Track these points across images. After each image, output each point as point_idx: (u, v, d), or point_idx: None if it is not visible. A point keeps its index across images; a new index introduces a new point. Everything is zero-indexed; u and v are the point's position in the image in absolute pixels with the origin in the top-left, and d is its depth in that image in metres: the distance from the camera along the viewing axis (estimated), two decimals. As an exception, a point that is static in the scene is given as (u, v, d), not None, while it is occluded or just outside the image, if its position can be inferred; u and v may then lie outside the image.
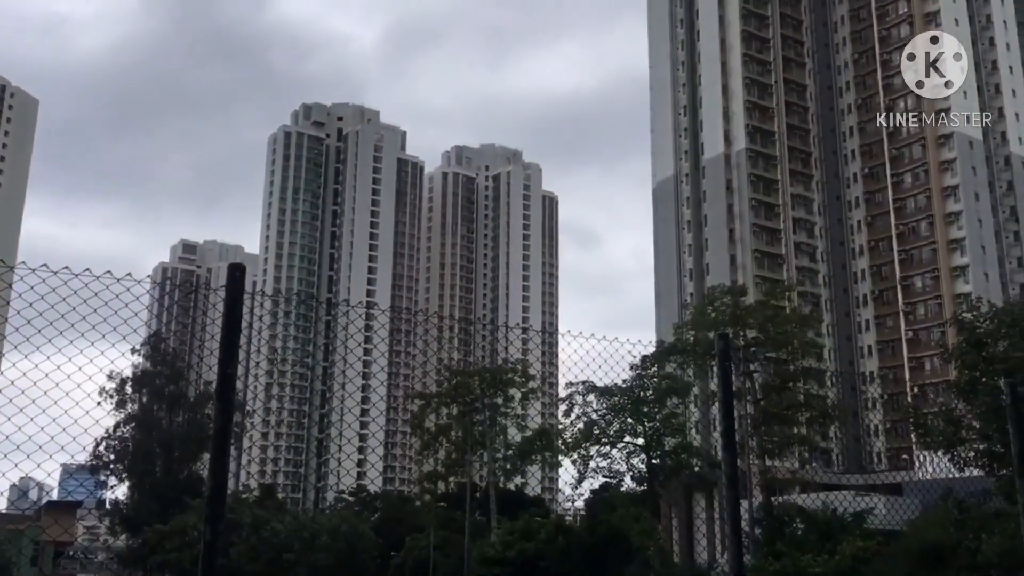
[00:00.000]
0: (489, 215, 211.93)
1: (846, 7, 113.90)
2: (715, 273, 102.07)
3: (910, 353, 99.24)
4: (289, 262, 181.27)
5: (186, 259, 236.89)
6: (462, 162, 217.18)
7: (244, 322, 6.32)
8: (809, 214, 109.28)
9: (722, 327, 55.56)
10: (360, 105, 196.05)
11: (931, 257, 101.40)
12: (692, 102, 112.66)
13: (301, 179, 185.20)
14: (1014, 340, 19.76)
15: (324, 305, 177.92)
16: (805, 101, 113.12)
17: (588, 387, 54.88)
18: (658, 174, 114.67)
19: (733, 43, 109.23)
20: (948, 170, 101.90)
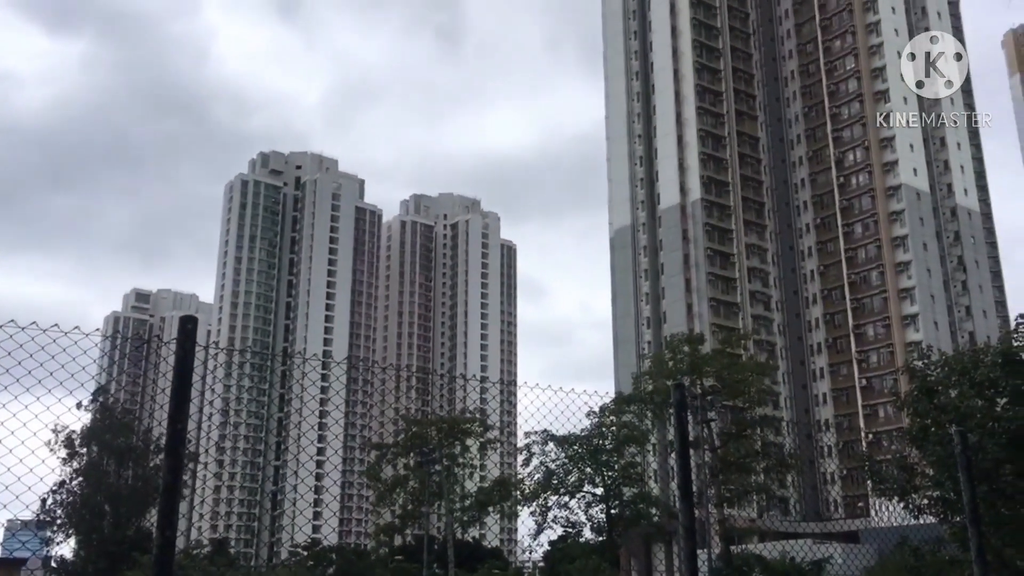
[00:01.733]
0: (447, 263, 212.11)
1: (795, 62, 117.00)
2: (672, 321, 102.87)
3: (864, 401, 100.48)
4: (245, 311, 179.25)
5: (139, 308, 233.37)
6: (420, 211, 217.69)
7: (197, 375, 6.20)
8: (763, 263, 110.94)
9: (680, 376, 55.91)
10: (319, 154, 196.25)
11: (882, 306, 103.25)
12: (648, 152, 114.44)
13: (258, 227, 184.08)
14: (963, 389, 20.06)
15: (279, 357, 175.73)
16: (758, 153, 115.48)
17: (546, 436, 54.64)
18: (615, 223, 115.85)
19: (687, 95, 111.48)
20: (897, 221, 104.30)
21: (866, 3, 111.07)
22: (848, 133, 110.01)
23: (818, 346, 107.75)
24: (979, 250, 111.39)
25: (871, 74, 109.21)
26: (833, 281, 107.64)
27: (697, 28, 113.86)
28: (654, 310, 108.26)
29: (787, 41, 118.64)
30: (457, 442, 66.32)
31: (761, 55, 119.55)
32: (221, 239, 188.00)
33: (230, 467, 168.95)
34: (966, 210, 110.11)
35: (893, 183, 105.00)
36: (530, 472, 56.77)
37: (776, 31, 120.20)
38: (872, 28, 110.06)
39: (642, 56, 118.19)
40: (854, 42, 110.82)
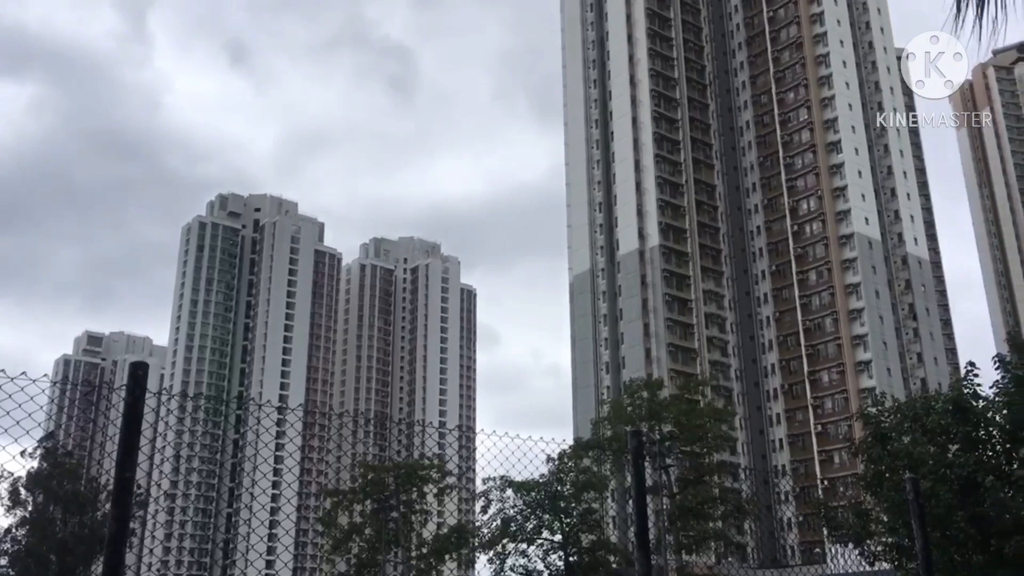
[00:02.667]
0: (407, 308, 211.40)
1: (751, 113, 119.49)
2: (631, 366, 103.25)
3: (819, 447, 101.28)
4: (200, 354, 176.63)
5: (91, 351, 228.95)
6: (380, 254, 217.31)
7: (148, 422, 6.09)
8: (720, 309, 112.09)
9: (639, 421, 55.96)
10: (278, 196, 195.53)
11: (836, 352, 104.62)
12: (607, 199, 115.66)
13: (215, 270, 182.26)
14: (916, 435, 20.32)
15: (234, 404, 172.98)
16: (715, 200, 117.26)
17: (505, 483, 54.20)
18: (575, 268, 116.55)
19: (646, 143, 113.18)
20: (850, 269, 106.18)
21: (818, 57, 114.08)
22: (802, 182, 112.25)
23: (774, 392, 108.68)
24: (929, 298, 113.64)
25: (823, 125, 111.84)
26: (788, 327, 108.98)
27: (655, 78, 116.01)
28: (613, 355, 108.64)
29: (742, 92, 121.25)
30: (414, 488, 65.57)
31: (717, 105, 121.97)
32: (177, 281, 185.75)
33: (181, 515, 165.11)
34: (916, 259, 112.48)
35: (846, 232, 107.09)
36: (488, 519, 56.21)
37: (731, 82, 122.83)
38: (824, 81, 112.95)
39: (601, 104, 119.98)
40: (807, 94, 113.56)
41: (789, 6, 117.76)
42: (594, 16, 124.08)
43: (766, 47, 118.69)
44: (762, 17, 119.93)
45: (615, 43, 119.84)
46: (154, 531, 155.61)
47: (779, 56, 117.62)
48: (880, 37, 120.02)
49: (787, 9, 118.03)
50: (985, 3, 5.72)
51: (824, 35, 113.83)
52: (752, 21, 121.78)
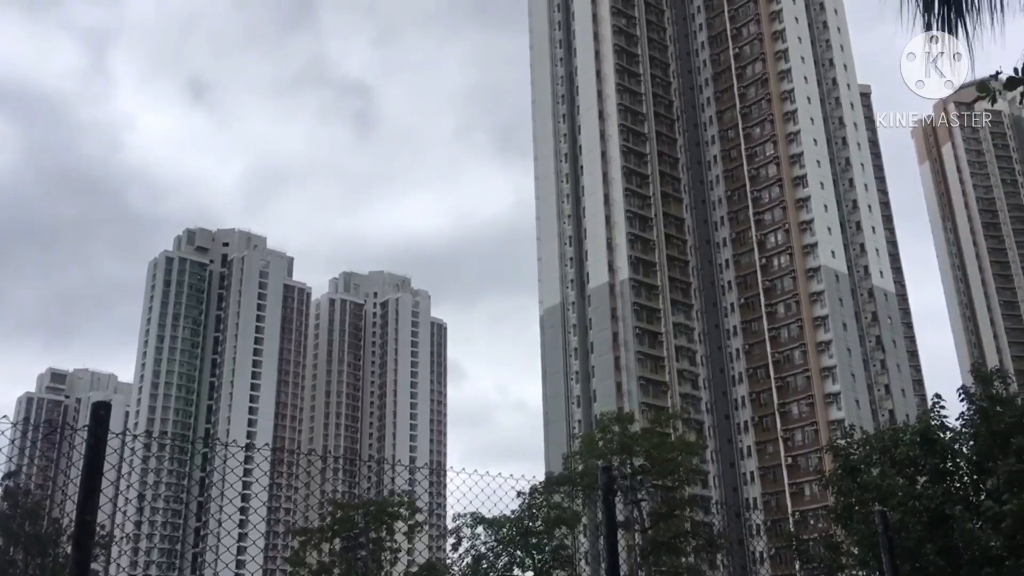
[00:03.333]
0: (377, 342, 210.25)
1: (718, 147, 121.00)
2: (602, 400, 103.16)
3: (790, 479, 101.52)
4: (166, 391, 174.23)
5: (54, 389, 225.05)
6: (350, 289, 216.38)
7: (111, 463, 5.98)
8: (690, 342, 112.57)
9: (610, 456, 55.82)
10: (247, 231, 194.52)
11: (805, 384, 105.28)
12: (577, 232, 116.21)
13: (182, 305, 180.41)
14: (885, 468, 20.45)
15: (200, 443, 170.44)
16: (684, 234, 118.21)
17: (476, 519, 53.71)
18: (545, 302, 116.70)
19: (615, 177, 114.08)
20: (817, 301, 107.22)
21: (783, 93, 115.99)
22: (769, 216, 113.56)
23: (745, 424, 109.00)
24: (896, 330, 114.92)
25: (789, 160, 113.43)
26: (758, 360, 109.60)
27: (623, 113, 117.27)
28: (584, 389, 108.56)
29: (710, 127, 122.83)
30: (384, 526, 64.79)
31: (685, 140, 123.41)
32: (143, 317, 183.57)
33: (146, 555, 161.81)
34: (882, 291, 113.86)
35: (813, 265, 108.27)
36: (459, 556, 55.60)
37: (699, 117, 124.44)
38: (789, 117, 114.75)
39: (570, 138, 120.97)
40: (772, 129, 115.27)
41: (754, 43, 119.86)
42: (563, 52, 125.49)
43: (732, 83, 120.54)
44: (728, 54, 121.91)
45: (584, 78, 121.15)
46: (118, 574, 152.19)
47: (745, 92, 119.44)
48: (843, 74, 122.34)
49: (752, 46, 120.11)
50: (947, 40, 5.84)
51: (789, 71, 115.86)
52: (719, 57, 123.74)
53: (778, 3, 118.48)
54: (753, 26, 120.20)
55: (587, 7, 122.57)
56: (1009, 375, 22.04)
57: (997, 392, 20.76)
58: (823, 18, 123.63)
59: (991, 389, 20.76)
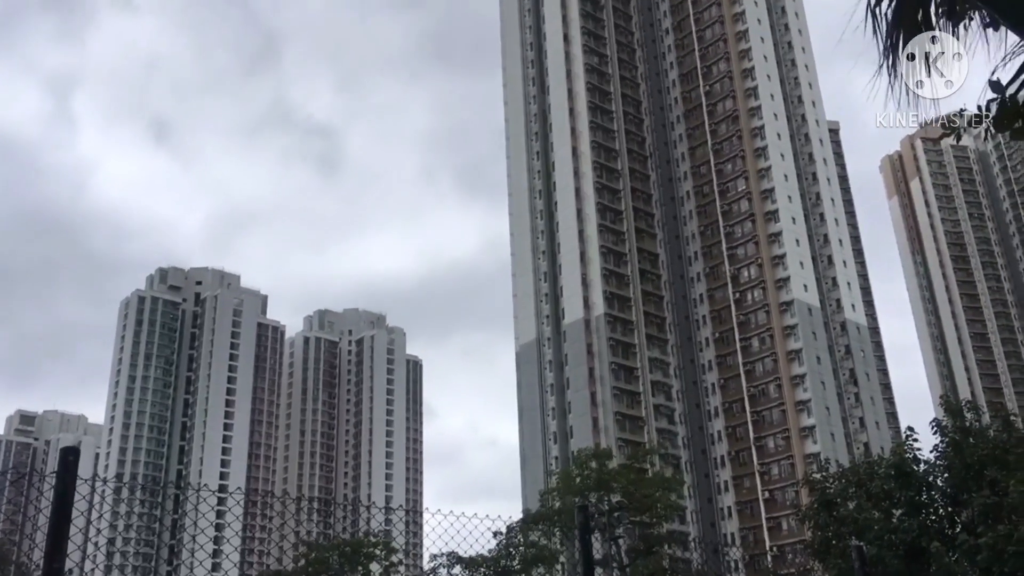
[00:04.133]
0: (352, 380, 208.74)
1: (690, 183, 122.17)
2: (579, 436, 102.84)
3: (768, 513, 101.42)
4: (138, 431, 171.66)
5: (23, 431, 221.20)
6: (325, 326, 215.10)
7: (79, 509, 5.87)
8: (666, 377, 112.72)
9: (588, 492, 55.55)
10: (220, 269, 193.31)
11: (781, 418, 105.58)
12: (552, 268, 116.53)
13: (154, 345, 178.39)
14: (861, 501, 20.48)
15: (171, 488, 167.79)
16: (658, 269, 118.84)
17: (453, 559, 53.20)
18: (521, 338, 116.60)
19: (589, 213, 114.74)
20: (791, 335, 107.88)
21: (753, 130, 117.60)
22: (742, 251, 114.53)
23: (721, 459, 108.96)
24: (868, 363, 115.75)
25: (761, 195, 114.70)
26: (733, 394, 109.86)
27: (597, 150, 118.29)
28: (560, 425, 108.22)
29: (682, 163, 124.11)
30: (359, 567, 63.96)
31: (658, 176, 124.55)
32: (114, 357, 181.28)
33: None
34: (855, 324, 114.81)
35: (786, 299, 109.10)
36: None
37: (671, 154, 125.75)
38: (760, 153, 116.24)
39: (544, 175, 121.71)
40: (744, 165, 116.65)
41: (724, 80, 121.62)
42: (536, 90, 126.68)
43: (703, 119, 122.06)
44: (699, 91, 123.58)
45: (557, 116, 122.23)
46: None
47: (716, 128, 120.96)
48: (812, 110, 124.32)
49: (723, 83, 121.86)
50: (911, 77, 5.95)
51: (759, 108, 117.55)
52: (690, 95, 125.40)
53: (747, 41, 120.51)
54: (723, 64, 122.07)
55: (559, 45, 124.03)
56: (980, 407, 22.24)
57: (970, 424, 20.93)
58: (791, 56, 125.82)
59: (963, 422, 20.93)
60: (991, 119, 5.39)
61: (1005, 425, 20.90)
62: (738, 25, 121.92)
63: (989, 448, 19.45)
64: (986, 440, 19.88)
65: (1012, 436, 20.02)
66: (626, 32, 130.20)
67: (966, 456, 19.46)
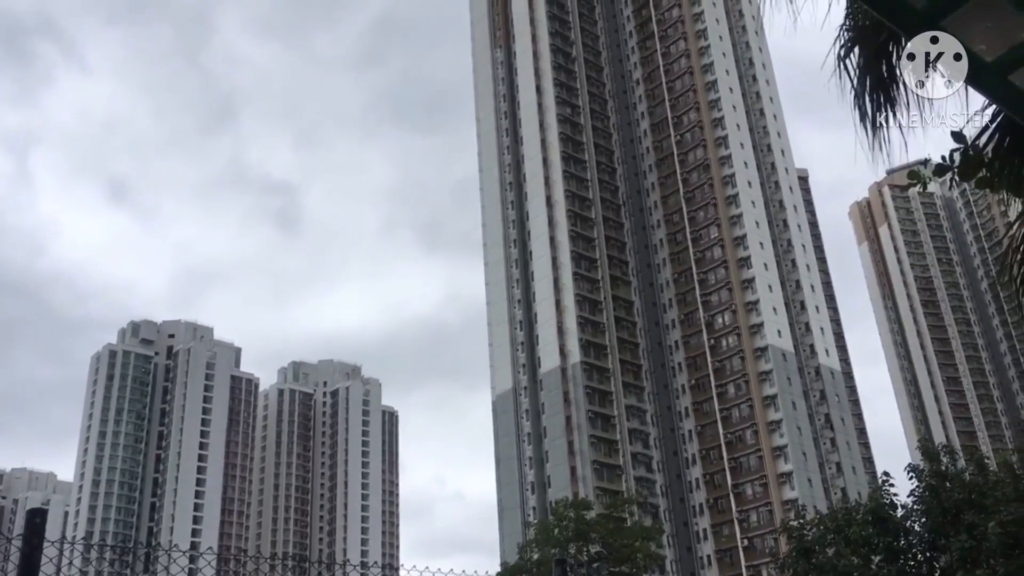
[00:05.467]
0: (327, 432, 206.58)
1: (664, 231, 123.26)
2: (556, 485, 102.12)
3: (747, 561, 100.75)
4: (108, 488, 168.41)
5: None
6: (299, 378, 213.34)
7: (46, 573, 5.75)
8: (643, 424, 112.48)
9: (566, 543, 55.00)
10: (192, 322, 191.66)
11: (758, 464, 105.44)
12: (528, 317, 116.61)
13: (125, 399, 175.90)
14: (839, 548, 20.43)
15: (141, 549, 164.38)
16: (633, 316, 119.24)
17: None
18: (497, 387, 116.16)
19: (564, 262, 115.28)
20: (766, 380, 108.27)
21: (724, 178, 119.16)
22: (716, 297, 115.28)
23: (700, 507, 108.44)
24: (843, 408, 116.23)
25: (733, 242, 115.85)
26: (710, 441, 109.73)
27: (571, 199, 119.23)
28: (538, 475, 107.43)
29: (655, 211, 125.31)
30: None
31: (632, 224, 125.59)
32: (84, 412, 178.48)
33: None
34: (829, 369, 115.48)
35: (760, 344, 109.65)
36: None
37: (644, 202, 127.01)
38: (731, 200, 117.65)
39: (519, 224, 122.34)
40: (716, 213, 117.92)
41: (695, 130, 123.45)
42: (510, 141, 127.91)
43: (675, 169, 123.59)
44: (670, 141, 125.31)
45: (531, 166, 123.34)
46: None
47: (688, 177, 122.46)
48: (781, 158, 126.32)
49: (693, 133, 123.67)
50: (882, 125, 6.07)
51: (729, 157, 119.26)
52: (661, 144, 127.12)
53: (716, 92, 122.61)
54: (693, 113, 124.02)
55: (532, 96, 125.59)
56: (956, 451, 22.35)
57: (946, 468, 21.01)
58: (759, 106, 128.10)
59: (939, 466, 21.01)
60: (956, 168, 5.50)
61: (980, 468, 21.00)
62: (707, 76, 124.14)
63: (966, 492, 19.51)
64: (963, 484, 19.95)
65: (988, 480, 20.11)
66: (598, 83, 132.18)
67: (943, 500, 19.50)
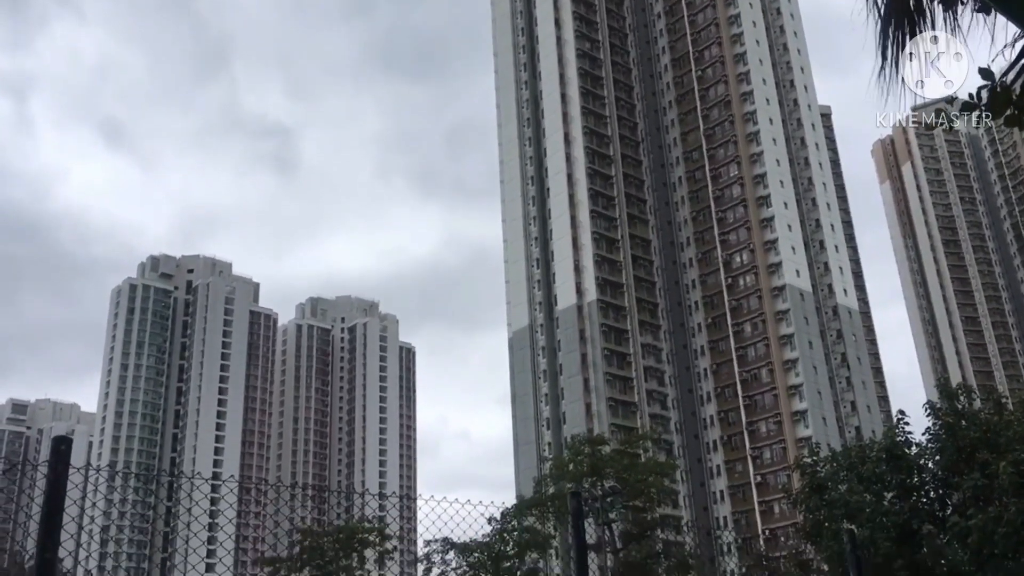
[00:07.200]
0: (345, 367, 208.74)
1: (683, 169, 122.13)
2: (572, 422, 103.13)
3: (760, 497, 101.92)
4: (131, 420, 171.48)
5: (15, 420, 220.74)
6: (317, 314, 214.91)
7: (72, 498, 5.87)
8: (659, 363, 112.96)
9: (581, 478, 55.74)
10: (211, 257, 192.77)
11: (773, 403, 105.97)
12: (544, 255, 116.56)
13: (146, 333, 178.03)
14: (852, 484, 20.58)
15: (164, 476, 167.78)
16: (650, 255, 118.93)
17: (447, 545, 53.37)
18: (513, 324, 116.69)
19: (581, 199, 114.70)
20: (783, 320, 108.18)
21: (745, 115, 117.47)
22: (734, 236, 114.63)
23: (714, 444, 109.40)
24: (860, 347, 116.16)
25: (753, 180, 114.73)
26: (726, 379, 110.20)
27: (589, 135, 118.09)
28: (554, 411, 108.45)
29: (674, 149, 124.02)
30: (354, 554, 64.16)
31: (650, 161, 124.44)
32: (106, 346, 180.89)
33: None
34: (846, 309, 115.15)
35: (778, 284, 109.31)
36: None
37: (664, 139, 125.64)
38: (752, 138, 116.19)
39: (536, 162, 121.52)
40: (736, 151, 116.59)
41: (716, 66, 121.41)
42: (527, 76, 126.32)
43: (695, 105, 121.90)
44: (691, 76, 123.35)
45: (549, 102, 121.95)
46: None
47: (708, 114, 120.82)
48: (804, 95, 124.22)
49: (715, 68, 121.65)
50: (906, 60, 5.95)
51: (751, 93, 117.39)
52: (681, 80, 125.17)
53: (739, 26, 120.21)
54: (715, 48, 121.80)
55: (551, 31, 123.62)
56: (974, 391, 22.35)
57: (963, 407, 21.03)
58: (783, 40, 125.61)
59: (957, 404, 21.03)
60: (983, 106, 5.40)
61: (997, 408, 21.01)
62: (730, 9, 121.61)
63: (981, 431, 19.56)
64: (978, 423, 19.98)
65: (1003, 419, 20.12)
66: (618, 16, 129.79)
67: (959, 439, 19.56)
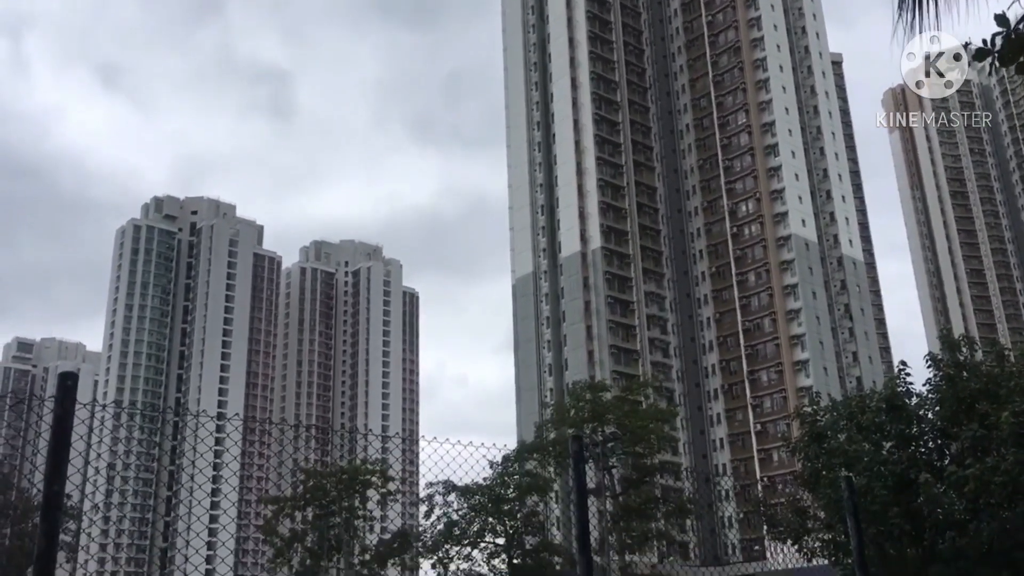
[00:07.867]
0: (348, 311, 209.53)
1: (690, 116, 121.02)
2: (574, 368, 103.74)
3: (759, 445, 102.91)
4: (136, 360, 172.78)
5: (21, 358, 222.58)
6: (321, 257, 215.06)
7: (79, 433, 5.92)
8: (662, 311, 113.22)
9: (582, 424, 56.26)
10: (215, 199, 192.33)
11: (775, 352, 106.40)
12: (549, 201, 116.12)
13: (150, 274, 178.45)
14: (851, 433, 20.74)
15: (170, 413, 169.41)
16: (656, 203, 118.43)
17: (448, 487, 54.08)
18: (517, 271, 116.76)
19: (587, 146, 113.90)
20: (787, 270, 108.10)
21: (755, 61, 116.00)
22: (740, 185, 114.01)
23: (715, 392, 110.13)
24: (864, 298, 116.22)
25: (761, 129, 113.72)
26: (728, 328, 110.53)
27: (596, 81, 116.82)
28: (556, 357, 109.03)
29: (682, 96, 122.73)
30: (356, 494, 65.04)
31: (658, 108, 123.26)
32: (111, 286, 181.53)
33: (117, 523, 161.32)
34: (851, 260, 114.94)
35: (783, 234, 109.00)
36: (432, 523, 56.02)
37: (671, 86, 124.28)
38: (761, 85, 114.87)
39: (543, 107, 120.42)
40: (744, 98, 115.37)
41: (727, 11, 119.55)
42: (535, 19, 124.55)
43: (705, 51, 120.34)
44: (701, 21, 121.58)
45: (556, 46, 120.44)
46: (89, 544, 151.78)
47: (717, 60, 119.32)
48: (815, 42, 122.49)
49: (725, 14, 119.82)
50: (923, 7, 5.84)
51: (761, 39, 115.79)
52: (691, 25, 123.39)
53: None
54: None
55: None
56: (976, 342, 22.38)
57: (965, 359, 21.09)
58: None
59: (958, 356, 21.08)
60: (996, 53, 5.31)
61: (998, 359, 21.06)
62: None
63: (982, 382, 19.63)
64: (979, 374, 20.05)
65: (1004, 370, 20.18)
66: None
67: (959, 390, 19.64)
